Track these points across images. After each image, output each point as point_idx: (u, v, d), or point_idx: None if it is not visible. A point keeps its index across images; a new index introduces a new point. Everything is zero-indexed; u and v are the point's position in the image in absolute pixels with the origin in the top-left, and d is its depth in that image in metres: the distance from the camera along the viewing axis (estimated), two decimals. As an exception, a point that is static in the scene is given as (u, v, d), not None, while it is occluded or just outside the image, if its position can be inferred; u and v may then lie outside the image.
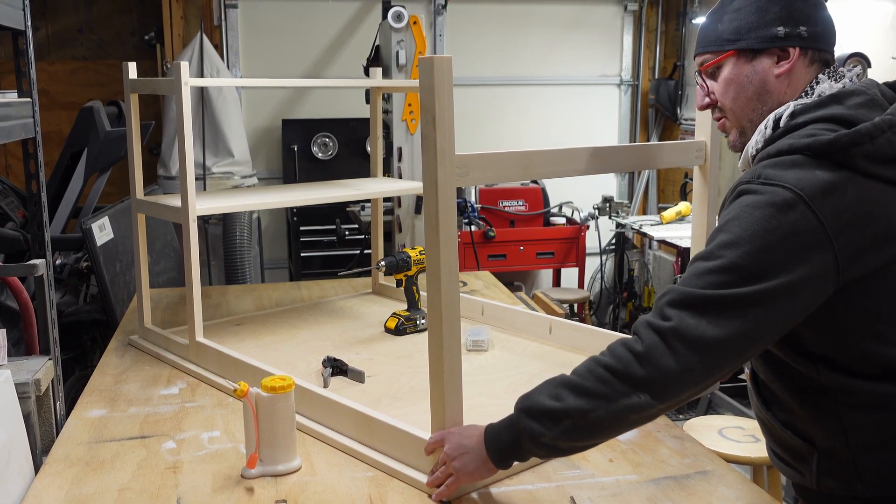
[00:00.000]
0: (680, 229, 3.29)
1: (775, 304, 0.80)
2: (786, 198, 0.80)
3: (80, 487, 0.99)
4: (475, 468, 0.91)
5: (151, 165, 3.42)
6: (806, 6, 0.91)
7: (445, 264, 0.90)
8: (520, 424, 0.87)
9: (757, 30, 0.92)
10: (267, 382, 1.01)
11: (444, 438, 0.95)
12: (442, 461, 0.94)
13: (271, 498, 0.96)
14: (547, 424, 0.85)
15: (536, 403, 0.86)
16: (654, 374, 0.80)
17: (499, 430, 0.90)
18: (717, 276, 0.80)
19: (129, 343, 1.57)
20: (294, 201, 1.61)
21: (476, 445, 0.91)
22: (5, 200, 2.08)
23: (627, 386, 0.81)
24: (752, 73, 0.92)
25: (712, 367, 0.80)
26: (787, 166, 0.82)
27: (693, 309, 0.80)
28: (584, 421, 0.83)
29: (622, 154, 1.13)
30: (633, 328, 0.85)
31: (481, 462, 0.91)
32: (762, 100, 0.92)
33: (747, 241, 0.80)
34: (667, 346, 0.79)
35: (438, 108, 0.87)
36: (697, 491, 0.98)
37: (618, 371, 0.82)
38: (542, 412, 0.85)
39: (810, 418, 0.88)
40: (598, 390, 0.82)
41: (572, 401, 0.83)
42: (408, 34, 2.71)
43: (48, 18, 3.62)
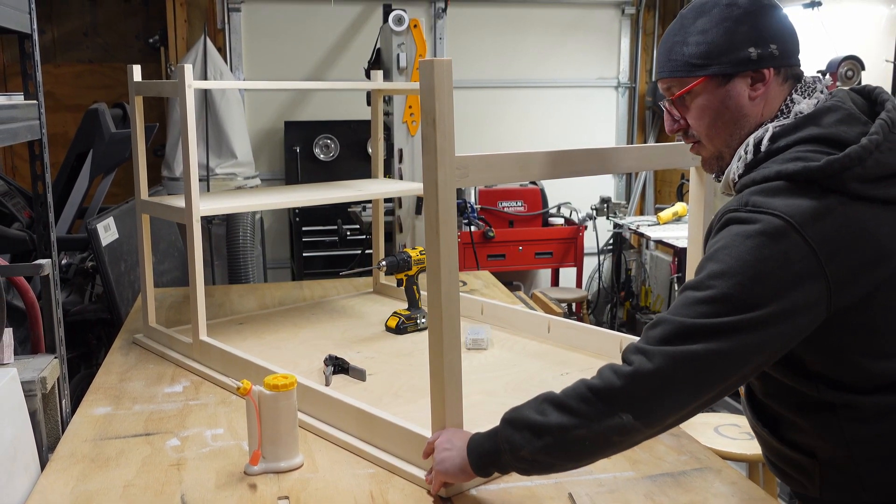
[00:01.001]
0: (677, 230, 3.30)
1: (767, 332, 0.78)
2: (776, 226, 0.78)
3: (86, 484, 0.99)
4: (455, 470, 0.92)
5: (156, 167, 3.44)
6: (773, 22, 0.88)
7: (445, 264, 0.91)
8: (502, 434, 0.87)
9: (728, 53, 0.87)
10: (269, 380, 1.02)
11: (434, 439, 0.96)
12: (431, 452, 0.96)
13: (274, 494, 0.97)
14: (528, 437, 0.85)
15: (521, 416, 0.86)
16: (638, 394, 0.79)
17: (482, 438, 0.90)
18: (708, 307, 0.79)
19: (134, 342, 1.58)
20: (296, 202, 1.62)
21: (460, 447, 0.92)
22: (12, 201, 2.09)
23: (609, 406, 0.80)
24: (726, 98, 0.88)
25: (698, 390, 0.80)
26: (775, 193, 0.81)
27: (683, 337, 0.79)
28: (565, 438, 0.83)
29: (620, 155, 1.14)
30: (623, 355, 0.83)
31: (461, 464, 0.91)
32: (739, 124, 0.89)
33: (738, 271, 0.78)
34: (653, 367, 0.79)
35: (439, 110, 0.88)
36: (694, 487, 0.98)
37: (600, 391, 0.81)
38: (525, 425, 0.85)
39: (811, 432, 0.87)
40: (580, 409, 0.82)
41: (555, 417, 0.83)
42: (408, 37, 2.73)
43: (54, 22, 3.64)
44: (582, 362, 1.40)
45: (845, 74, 2.37)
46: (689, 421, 1.88)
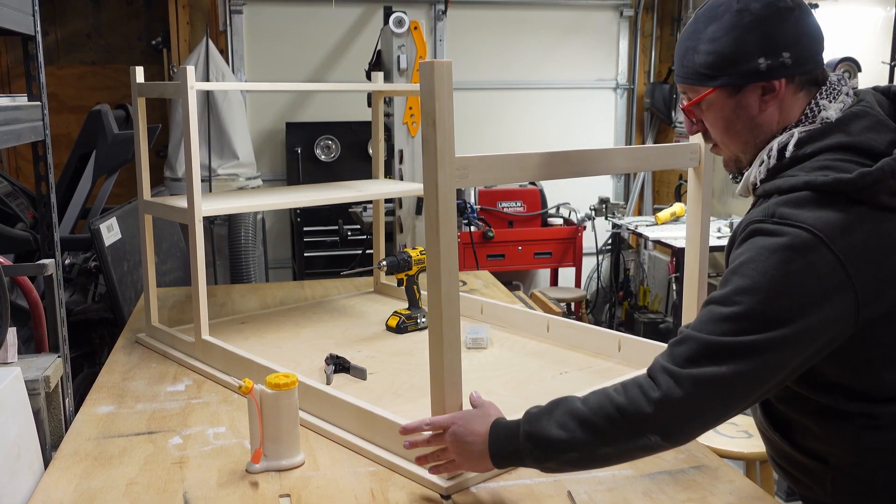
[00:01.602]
0: (675, 230, 3.31)
1: (793, 348, 0.77)
2: (804, 239, 0.76)
3: (89, 482, 1.00)
4: (475, 463, 0.92)
5: (158, 167, 3.45)
6: (786, 26, 0.83)
7: (445, 264, 0.91)
8: (526, 446, 0.86)
9: (736, 64, 0.84)
10: (271, 379, 1.02)
11: (448, 425, 0.93)
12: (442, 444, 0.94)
13: (275, 492, 0.97)
14: (551, 454, 0.84)
15: (542, 431, 0.84)
16: (668, 419, 0.79)
17: (504, 438, 0.88)
18: (734, 324, 0.77)
19: (137, 341, 1.59)
20: (297, 202, 1.62)
21: (479, 446, 0.90)
22: (15, 202, 2.10)
23: (639, 429, 0.80)
24: (737, 108, 0.86)
25: (726, 410, 0.79)
26: (803, 204, 0.78)
27: (710, 357, 0.77)
28: (591, 455, 0.82)
29: (618, 156, 1.14)
30: (649, 370, 0.82)
31: (481, 458, 0.90)
32: (753, 133, 0.88)
33: (765, 286, 0.76)
34: (683, 393, 0.77)
35: (439, 111, 0.88)
36: (692, 485, 0.99)
37: (629, 414, 0.80)
38: (548, 442, 0.84)
39: (825, 439, 0.86)
40: (608, 430, 0.81)
41: (580, 434, 0.82)
42: (409, 39, 2.74)
43: (57, 24, 3.66)
44: (580, 361, 1.40)
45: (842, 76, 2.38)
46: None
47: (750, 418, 1.81)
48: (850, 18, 2.79)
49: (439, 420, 0.95)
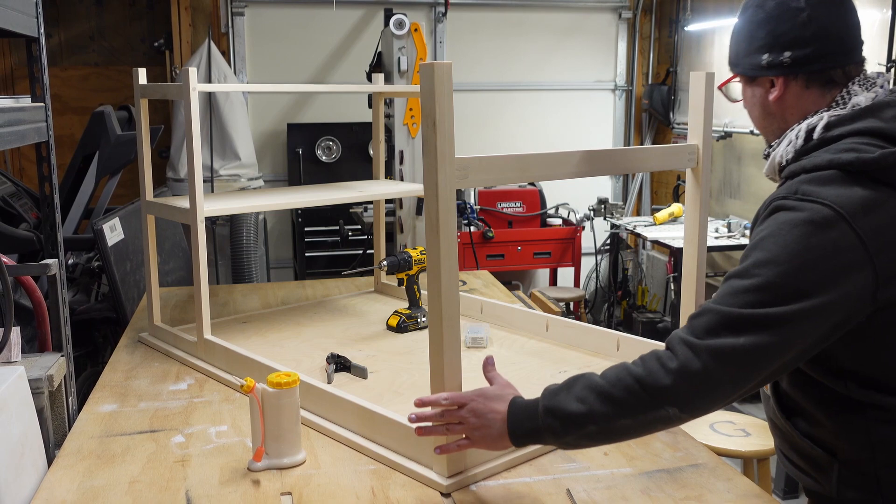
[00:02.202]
0: (673, 230, 3.32)
1: (811, 323, 0.78)
2: (825, 215, 0.77)
3: (92, 480, 1.00)
4: (492, 441, 0.90)
5: (161, 168, 3.46)
6: (792, 28, 0.87)
7: (446, 264, 0.91)
8: (545, 422, 0.86)
9: (747, 57, 0.91)
10: (273, 378, 1.02)
11: (467, 401, 0.92)
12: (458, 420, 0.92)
13: (277, 490, 0.97)
14: (570, 428, 0.84)
15: (561, 405, 0.85)
16: (685, 390, 0.79)
17: (522, 417, 0.88)
18: (753, 296, 0.78)
19: (139, 340, 1.59)
20: (299, 203, 1.63)
21: (498, 424, 0.89)
22: (19, 202, 2.11)
23: (657, 399, 0.80)
24: (752, 96, 0.94)
25: (742, 383, 0.79)
26: (826, 182, 0.80)
27: (729, 328, 0.78)
28: (609, 427, 0.83)
29: (617, 157, 1.14)
30: (667, 342, 0.83)
31: (500, 440, 0.90)
32: (768, 119, 0.93)
33: (785, 259, 0.77)
34: (700, 364, 0.78)
35: (439, 112, 0.88)
36: (690, 483, 0.99)
37: (647, 384, 0.80)
38: (566, 415, 0.84)
39: (836, 431, 0.87)
40: (626, 401, 0.81)
41: (598, 407, 0.82)
42: (409, 41, 2.75)
43: (61, 26, 3.68)
44: (579, 360, 1.41)
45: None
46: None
47: (749, 417, 1.82)
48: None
49: (458, 395, 0.93)
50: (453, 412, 0.93)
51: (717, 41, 3.68)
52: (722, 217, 3.57)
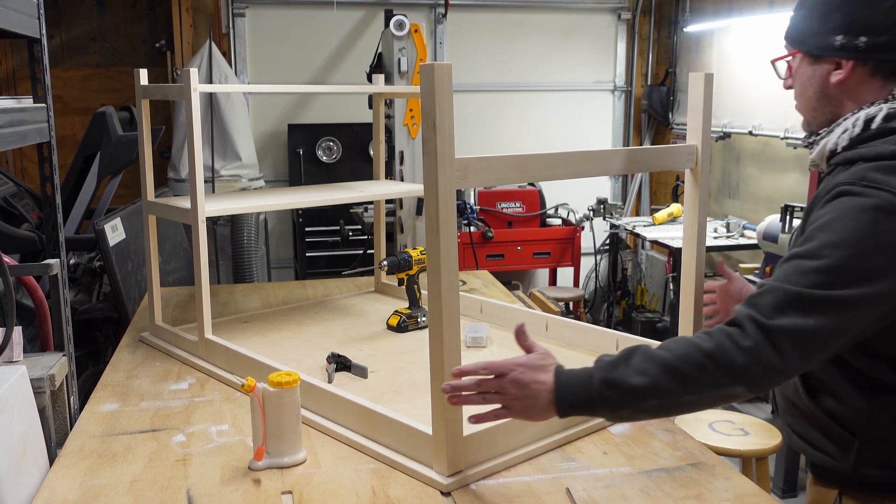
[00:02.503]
0: (672, 230, 3.33)
1: (871, 307, 0.79)
2: (893, 203, 0.79)
3: (94, 479, 1.00)
4: (535, 412, 0.88)
5: (162, 168, 3.47)
6: (872, 14, 0.87)
7: (446, 264, 0.92)
8: (600, 393, 0.84)
9: (817, 36, 0.90)
10: (273, 378, 1.03)
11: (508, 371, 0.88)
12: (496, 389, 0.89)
13: (277, 489, 0.98)
14: (630, 400, 0.82)
15: (621, 378, 0.83)
16: (757, 370, 0.79)
17: (573, 389, 0.86)
18: (821, 276, 0.79)
19: (141, 340, 1.59)
20: (299, 203, 1.63)
21: (542, 395, 0.86)
22: (21, 202, 2.12)
23: (727, 377, 0.79)
24: (812, 76, 0.93)
25: (808, 364, 0.81)
26: (892, 171, 0.82)
27: (798, 308, 0.79)
28: (672, 402, 0.82)
29: (616, 157, 1.14)
30: (735, 320, 0.82)
31: (543, 410, 0.87)
32: (822, 102, 0.92)
33: (853, 243, 0.79)
34: (773, 345, 0.79)
35: (439, 113, 0.88)
36: (688, 482, 0.99)
37: (719, 361, 0.80)
38: (628, 388, 0.82)
39: (862, 411, 0.87)
40: (695, 376, 0.80)
41: (663, 381, 0.81)
42: (409, 42, 2.75)
43: (62, 27, 3.69)
44: (579, 360, 1.39)
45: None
46: (684, 417, 1.93)
47: (748, 416, 1.82)
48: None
49: (499, 364, 0.89)
50: (491, 381, 0.89)
51: (715, 42, 3.68)
52: (721, 217, 3.58)
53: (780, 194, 3.18)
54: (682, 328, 1.26)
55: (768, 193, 3.31)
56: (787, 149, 3.11)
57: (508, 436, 1.05)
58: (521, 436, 1.07)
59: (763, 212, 3.22)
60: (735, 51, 3.52)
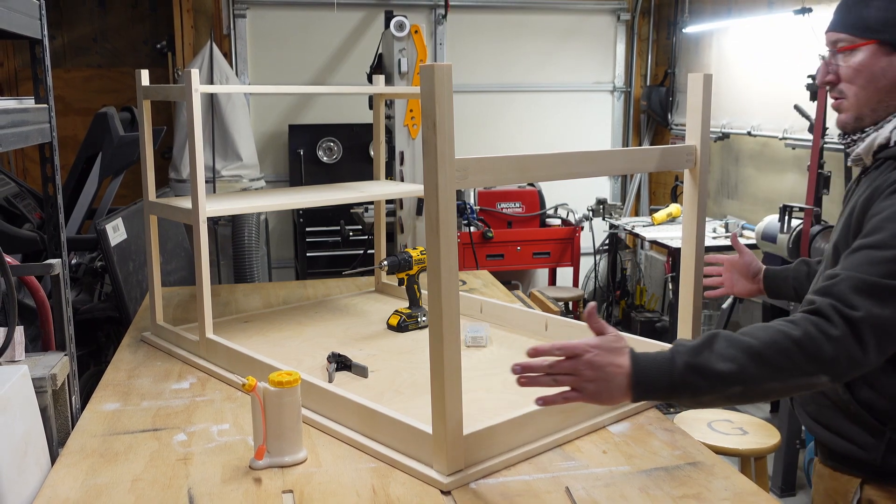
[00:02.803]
0: (671, 230, 3.34)
1: None
2: None
3: (95, 478, 1.01)
4: (609, 395, 0.86)
5: (163, 169, 3.48)
6: None
7: (446, 264, 0.92)
8: (681, 378, 0.82)
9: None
10: (274, 377, 1.03)
11: (583, 352, 0.86)
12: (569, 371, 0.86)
13: (278, 488, 0.98)
14: (715, 386, 0.81)
15: (707, 363, 0.81)
16: (843, 360, 0.80)
17: (653, 374, 0.84)
18: (893, 266, 0.81)
19: (142, 339, 1.60)
20: (300, 203, 1.63)
21: (618, 378, 0.84)
22: (23, 203, 2.13)
23: (813, 366, 0.80)
24: (887, 67, 0.92)
25: (882, 355, 0.82)
26: None
27: (877, 298, 0.80)
28: (754, 390, 0.81)
29: (615, 158, 1.15)
30: (817, 309, 0.83)
31: (618, 394, 0.85)
32: (890, 95, 0.92)
33: None
34: (858, 337, 0.79)
35: (439, 113, 0.89)
36: (687, 481, 0.99)
37: (807, 349, 0.80)
38: (713, 374, 0.81)
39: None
40: (781, 364, 0.80)
41: (751, 368, 0.80)
42: (409, 43, 2.76)
43: (64, 28, 3.69)
44: (580, 361, 1.41)
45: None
46: (683, 416, 1.93)
47: (746, 416, 1.82)
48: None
49: (573, 346, 0.87)
50: (564, 363, 0.87)
51: (714, 43, 3.68)
52: (719, 217, 3.58)
53: (778, 194, 3.19)
54: (681, 328, 1.26)
55: (767, 194, 3.31)
56: (785, 149, 3.11)
57: (508, 435, 1.05)
58: (521, 435, 1.07)
59: (761, 212, 3.22)
60: (734, 52, 3.53)
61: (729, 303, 2.77)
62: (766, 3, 3.27)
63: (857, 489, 0.96)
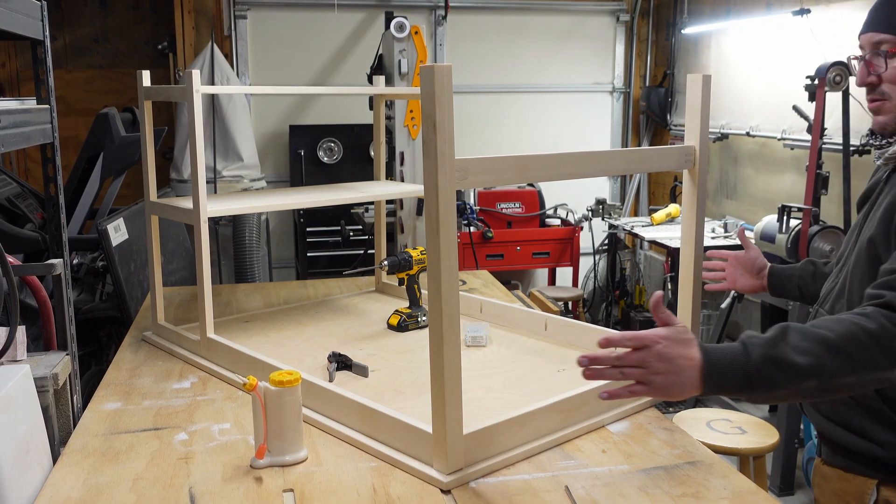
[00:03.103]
0: (670, 230, 3.34)
1: None
2: None
3: (97, 477, 1.01)
4: (678, 388, 0.82)
5: (164, 169, 3.49)
6: None
7: (446, 264, 0.92)
8: (758, 371, 0.79)
9: None
10: (275, 377, 1.03)
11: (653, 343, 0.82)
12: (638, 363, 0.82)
13: (279, 487, 0.98)
14: (791, 380, 0.79)
15: (784, 356, 0.79)
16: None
17: (727, 367, 0.81)
18: None
19: (143, 339, 1.60)
20: (301, 203, 1.63)
21: (689, 371, 0.81)
22: (24, 203, 2.13)
23: (889, 360, 0.78)
24: None
25: None
26: None
27: None
28: (830, 384, 0.79)
29: (614, 158, 1.15)
30: (887, 302, 0.81)
31: (687, 387, 0.82)
32: None
33: None
34: None
35: (439, 114, 0.89)
36: (686, 480, 1.00)
37: (883, 344, 0.78)
38: (791, 367, 0.79)
39: None
40: (859, 357, 0.78)
41: (828, 361, 0.78)
42: (409, 44, 2.77)
43: (66, 29, 3.70)
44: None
45: (833, 80, 2.39)
46: (682, 416, 1.93)
47: (745, 415, 1.82)
48: (841, 22, 2.80)
49: (643, 336, 0.83)
50: (633, 354, 0.83)
51: (713, 44, 3.69)
52: (718, 217, 3.59)
53: (777, 195, 3.19)
54: (680, 328, 1.26)
55: (765, 194, 3.32)
56: (784, 150, 3.12)
57: (508, 434, 1.06)
58: (521, 434, 1.07)
59: (760, 212, 3.23)
60: (733, 52, 3.53)
61: (728, 302, 2.77)
62: (764, 4, 3.27)
63: (873, 490, 0.95)
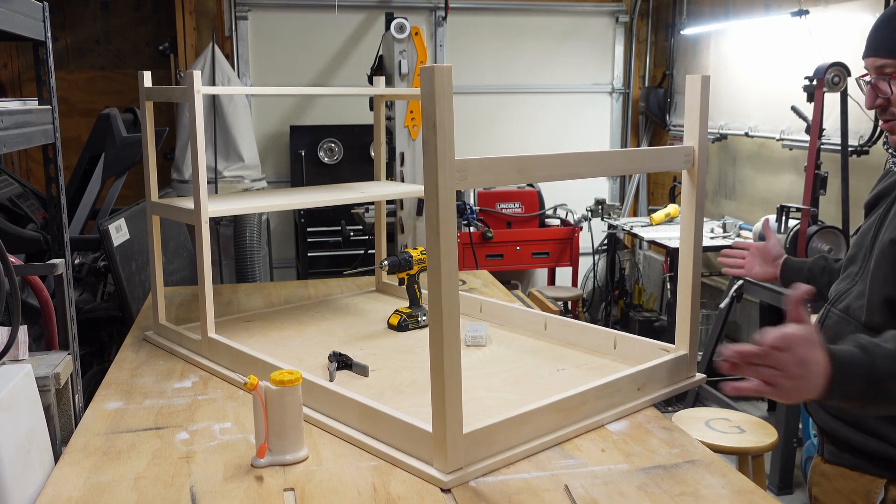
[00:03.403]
0: (669, 230, 3.35)
1: None
2: None
3: (98, 476, 1.01)
4: (803, 391, 0.81)
5: (166, 170, 3.49)
6: None
7: (446, 263, 0.92)
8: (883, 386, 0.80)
9: None
10: (275, 376, 1.03)
11: (789, 346, 0.80)
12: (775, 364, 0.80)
13: (279, 486, 0.98)
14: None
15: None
16: None
17: (852, 374, 0.80)
18: None
19: (145, 339, 1.61)
20: (301, 203, 1.64)
21: (815, 377, 0.80)
22: (26, 203, 2.14)
23: None
24: None
25: None
26: None
27: None
28: None
29: (614, 158, 1.15)
30: None
31: (810, 393, 0.81)
32: None
33: None
34: None
35: (439, 114, 0.89)
36: (686, 479, 1.00)
37: None
38: None
39: None
40: None
41: None
42: (410, 44, 2.77)
43: (67, 30, 3.71)
44: (577, 359, 1.42)
45: (832, 81, 2.40)
46: (681, 415, 1.94)
47: (743, 414, 1.83)
48: (839, 24, 2.81)
49: (792, 337, 0.81)
50: (772, 356, 0.81)
51: (712, 44, 3.70)
52: (717, 217, 3.59)
53: (775, 195, 3.20)
54: (679, 327, 1.27)
55: (764, 194, 3.32)
56: (782, 150, 3.12)
57: (507, 433, 1.06)
58: (520, 433, 1.07)
59: (759, 212, 3.24)
60: (732, 53, 3.54)
61: (727, 302, 2.78)
62: (763, 5, 3.28)
63: (881, 489, 0.95)
